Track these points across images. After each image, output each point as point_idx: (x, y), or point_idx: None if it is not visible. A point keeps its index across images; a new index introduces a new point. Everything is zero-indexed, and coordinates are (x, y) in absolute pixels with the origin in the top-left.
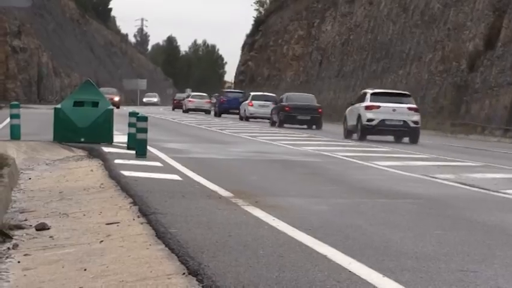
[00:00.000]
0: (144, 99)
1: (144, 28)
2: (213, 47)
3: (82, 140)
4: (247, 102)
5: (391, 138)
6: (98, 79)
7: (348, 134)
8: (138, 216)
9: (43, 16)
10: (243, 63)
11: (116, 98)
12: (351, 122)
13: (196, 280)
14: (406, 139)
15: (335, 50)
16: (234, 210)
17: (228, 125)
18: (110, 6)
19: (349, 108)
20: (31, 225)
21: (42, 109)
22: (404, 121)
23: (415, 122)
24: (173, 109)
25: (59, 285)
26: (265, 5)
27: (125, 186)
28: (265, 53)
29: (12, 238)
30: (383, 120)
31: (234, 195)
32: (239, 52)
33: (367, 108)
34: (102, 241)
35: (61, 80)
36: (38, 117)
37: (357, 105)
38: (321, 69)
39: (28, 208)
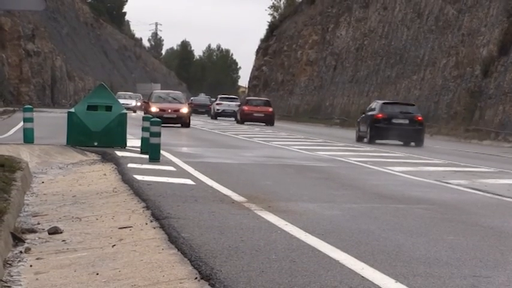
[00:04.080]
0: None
1: (158, 32)
2: (227, 51)
3: (95, 144)
4: None
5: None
6: (111, 83)
7: (212, 117)
8: (151, 221)
9: (57, 20)
10: (257, 68)
11: (184, 110)
12: (213, 111)
13: (209, 285)
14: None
15: (349, 55)
16: (247, 215)
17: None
18: (124, 11)
19: (212, 105)
20: (44, 229)
21: (56, 113)
22: (233, 110)
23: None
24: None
25: None
26: (279, 10)
27: (137, 191)
28: (279, 58)
29: (24, 242)
30: (224, 110)
31: (247, 200)
32: (253, 57)
33: (217, 104)
34: (114, 245)
35: (75, 84)
36: (52, 121)
37: (214, 103)
38: (335, 75)
39: (41, 212)
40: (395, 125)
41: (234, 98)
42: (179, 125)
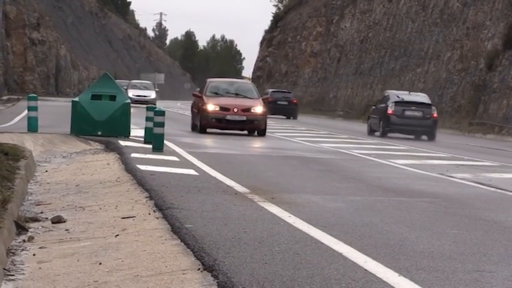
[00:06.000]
0: (131, 93)
1: (163, 22)
2: (231, 42)
3: (99, 133)
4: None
5: None
6: (115, 72)
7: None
8: (154, 211)
9: (62, 9)
10: (261, 59)
11: (258, 109)
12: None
13: (211, 276)
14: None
15: (353, 47)
16: (250, 206)
17: None
18: (129, 0)
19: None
20: (47, 218)
21: (60, 102)
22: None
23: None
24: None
25: (73, 278)
26: (284, 1)
27: (141, 181)
28: (283, 49)
29: (27, 230)
30: None
31: (250, 191)
32: (257, 48)
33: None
34: (117, 235)
35: (79, 73)
36: (56, 109)
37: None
38: (339, 67)
39: (44, 201)
40: (279, 105)
41: None
42: (246, 132)
